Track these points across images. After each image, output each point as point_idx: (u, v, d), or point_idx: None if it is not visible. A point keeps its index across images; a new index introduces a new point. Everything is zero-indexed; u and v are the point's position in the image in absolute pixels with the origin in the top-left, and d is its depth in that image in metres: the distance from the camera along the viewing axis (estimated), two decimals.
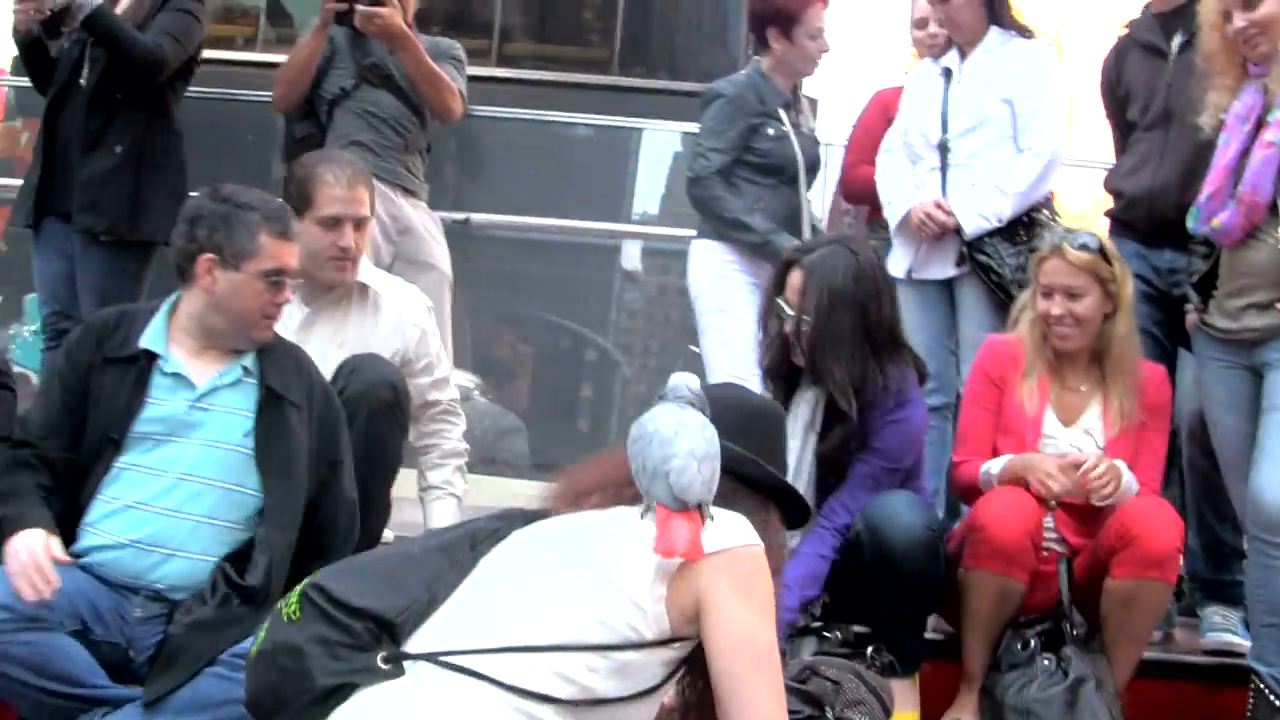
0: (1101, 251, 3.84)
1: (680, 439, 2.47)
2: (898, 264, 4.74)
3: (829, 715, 3.66)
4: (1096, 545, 3.73)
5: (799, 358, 3.85)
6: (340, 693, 2.32)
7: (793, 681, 3.70)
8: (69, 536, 3.30)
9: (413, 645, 2.37)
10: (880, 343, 3.82)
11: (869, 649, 3.83)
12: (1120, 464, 3.70)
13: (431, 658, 2.33)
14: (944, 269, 4.68)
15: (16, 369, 6.74)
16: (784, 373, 3.94)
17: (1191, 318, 3.93)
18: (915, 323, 4.60)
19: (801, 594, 3.76)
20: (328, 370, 3.94)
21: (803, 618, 3.82)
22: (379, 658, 2.35)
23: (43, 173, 4.91)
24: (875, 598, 3.84)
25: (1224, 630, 4.17)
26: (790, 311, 3.83)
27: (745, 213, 4.92)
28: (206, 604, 3.27)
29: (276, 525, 3.37)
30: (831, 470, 3.89)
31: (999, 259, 4.53)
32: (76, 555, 3.28)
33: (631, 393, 10.54)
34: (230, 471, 3.39)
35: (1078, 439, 3.86)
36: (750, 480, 2.58)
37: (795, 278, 3.84)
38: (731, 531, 2.46)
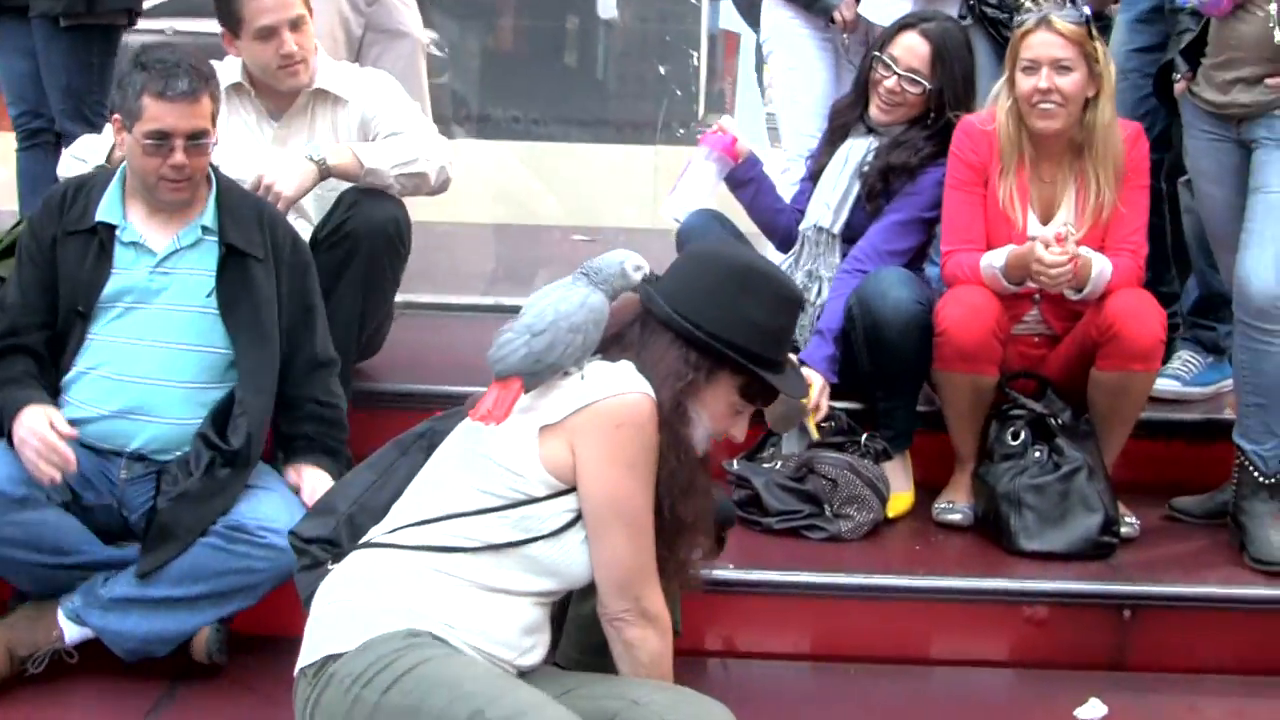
0: (1088, 25, 3.68)
1: (529, 313, 2.67)
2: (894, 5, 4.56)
3: (827, 512, 3.80)
4: (1081, 333, 3.75)
5: (886, 112, 4.05)
6: None
7: (790, 480, 3.84)
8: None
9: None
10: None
11: (863, 437, 3.93)
12: (1089, 253, 3.64)
13: (359, 546, 2.69)
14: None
15: None
16: (844, 121, 4.18)
17: (1179, 86, 3.80)
18: None
19: (830, 329, 3.94)
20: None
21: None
22: (328, 563, 2.72)
23: None
24: (868, 374, 3.93)
25: (1170, 376, 4.25)
26: (899, 70, 3.99)
27: None
28: (192, 475, 3.28)
29: (254, 388, 3.37)
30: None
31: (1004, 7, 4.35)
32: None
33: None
34: (196, 333, 3.38)
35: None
36: (692, 339, 2.66)
37: (918, 44, 4.00)
38: (600, 386, 2.61)
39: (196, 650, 3.32)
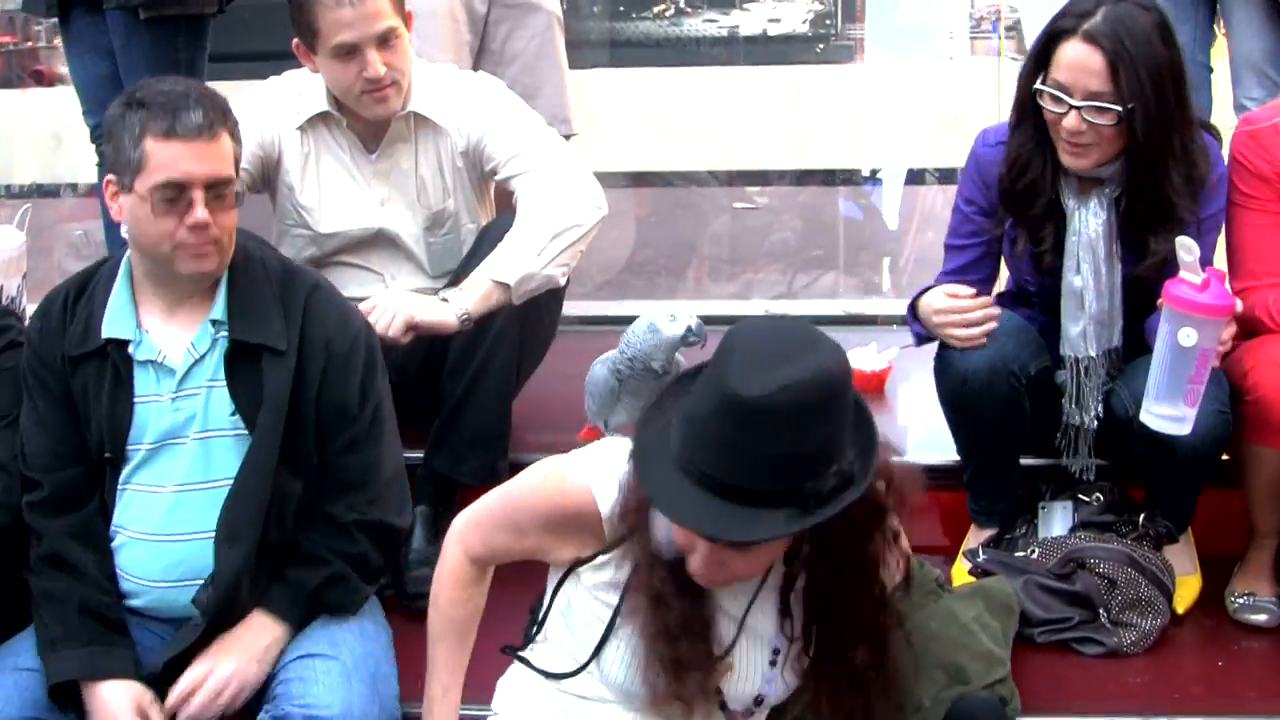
0: None
1: None
2: None
3: (1103, 620, 3.09)
4: None
5: (1079, 154, 2.92)
6: None
7: (1053, 579, 3.12)
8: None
9: None
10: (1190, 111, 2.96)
11: (1141, 517, 3.20)
12: None
13: None
14: None
15: None
16: (1024, 187, 3.04)
17: None
18: None
19: None
20: (415, 225, 3.49)
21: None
22: None
23: None
24: (1147, 477, 3.23)
25: None
26: (1074, 101, 2.86)
27: None
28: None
29: (225, 534, 2.68)
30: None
31: None
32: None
33: None
34: (230, 463, 2.72)
35: None
36: None
37: (1087, 57, 2.84)
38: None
39: None
